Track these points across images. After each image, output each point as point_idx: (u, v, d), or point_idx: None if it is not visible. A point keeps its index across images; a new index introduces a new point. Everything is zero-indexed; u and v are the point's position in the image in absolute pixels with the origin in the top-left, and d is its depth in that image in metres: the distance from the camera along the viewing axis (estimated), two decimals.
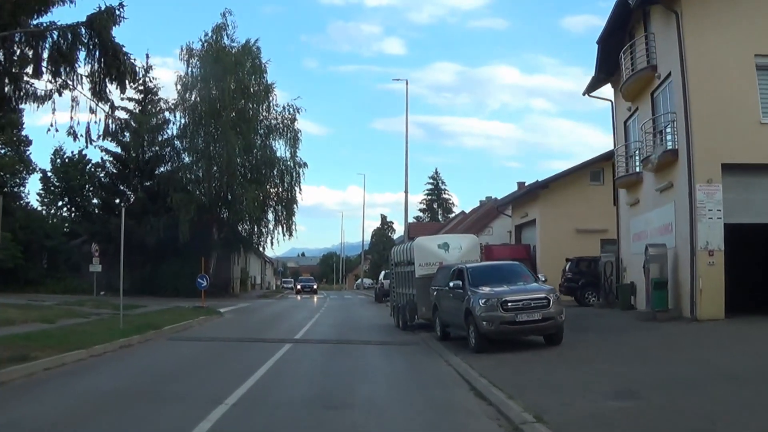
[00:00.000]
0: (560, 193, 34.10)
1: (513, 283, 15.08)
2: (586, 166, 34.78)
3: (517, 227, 38.57)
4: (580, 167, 34.87)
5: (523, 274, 15.77)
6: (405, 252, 20.89)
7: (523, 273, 15.81)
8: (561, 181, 34.33)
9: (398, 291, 21.98)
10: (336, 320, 24.71)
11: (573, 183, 34.31)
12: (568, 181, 34.38)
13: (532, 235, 36.20)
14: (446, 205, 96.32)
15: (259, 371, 11.48)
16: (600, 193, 33.23)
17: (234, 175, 39.64)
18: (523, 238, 38.12)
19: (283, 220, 42.98)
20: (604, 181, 34.11)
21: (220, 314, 26.19)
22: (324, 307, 33.48)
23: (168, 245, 41.21)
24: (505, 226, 40.62)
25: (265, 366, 12.13)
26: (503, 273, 15.70)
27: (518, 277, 15.54)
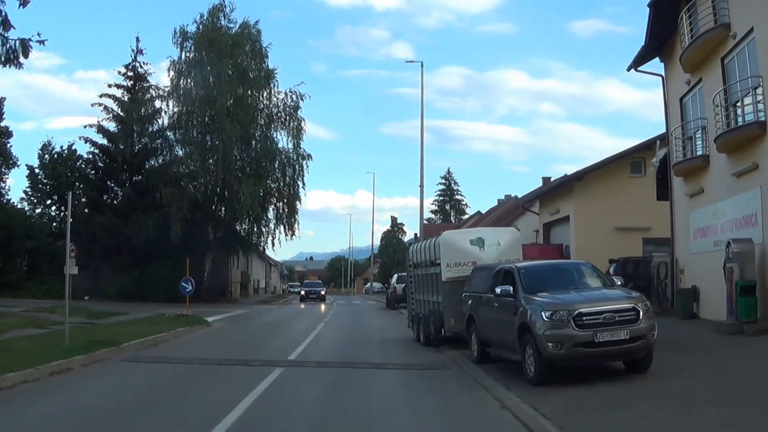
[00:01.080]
0: (597, 186, 30.01)
1: (583, 288, 11.14)
2: (625, 156, 30.72)
3: (546, 225, 34.50)
4: (618, 157, 30.78)
5: (593, 276, 11.78)
6: (428, 250, 16.90)
7: (592, 275, 11.81)
8: (598, 172, 30.24)
9: (419, 297, 18.02)
10: (342, 332, 20.72)
11: (611, 175, 30.23)
12: (605, 172, 30.29)
13: (563, 233, 32.16)
14: (459, 206, 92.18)
15: (223, 422, 7.51)
16: (641, 186, 29.31)
17: (231, 168, 35.75)
18: (552, 237, 34.07)
19: (285, 218, 39.02)
20: (646, 173, 30.19)
21: (207, 324, 22.28)
22: (330, 315, 29.51)
23: (159, 246, 37.42)
24: (531, 225, 36.52)
25: (234, 412, 8.14)
26: (567, 275, 11.73)
27: (587, 280, 11.59)
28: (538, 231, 35.35)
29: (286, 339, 18.20)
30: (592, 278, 11.62)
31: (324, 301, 44.72)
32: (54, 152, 48.87)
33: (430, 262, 16.89)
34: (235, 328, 22.52)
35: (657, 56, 23.20)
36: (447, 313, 15.28)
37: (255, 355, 14.32)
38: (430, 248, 16.64)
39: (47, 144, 47.83)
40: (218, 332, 20.37)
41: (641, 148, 29.84)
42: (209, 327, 21.79)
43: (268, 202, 38.76)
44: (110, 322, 22.28)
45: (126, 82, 41.44)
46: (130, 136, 39.89)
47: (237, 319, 26.51)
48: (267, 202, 38.67)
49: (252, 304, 40.90)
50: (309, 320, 26.24)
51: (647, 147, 29.71)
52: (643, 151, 29.65)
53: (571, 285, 11.24)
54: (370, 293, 74.27)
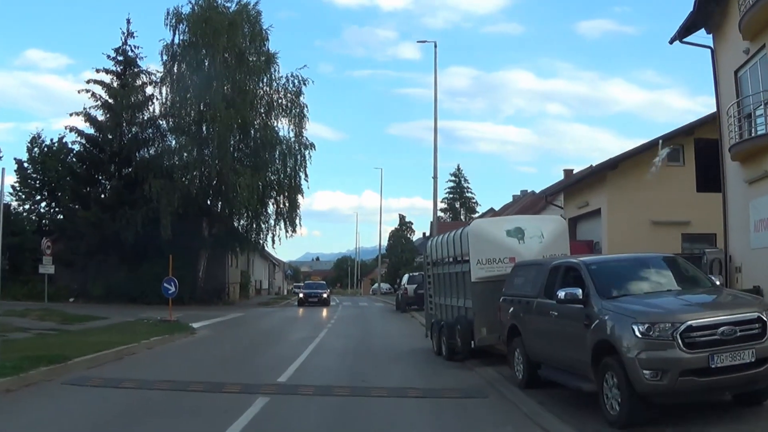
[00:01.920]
0: (632, 175, 26.73)
1: (679, 290, 8.14)
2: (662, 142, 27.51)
3: (572, 220, 31.25)
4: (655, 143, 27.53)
5: (688, 273, 8.76)
6: (452, 244, 13.83)
7: (687, 272, 8.79)
8: (633, 160, 27.04)
9: (439, 302, 14.98)
10: (348, 342, 17.66)
11: (647, 163, 27.00)
12: (641, 160, 27.03)
13: (592, 228, 29.02)
14: (469, 204, 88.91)
15: None
16: (680, 175, 26.31)
17: (227, 158, 32.70)
18: (579, 233, 30.88)
19: (286, 213, 35.94)
20: (685, 161, 27.15)
21: (191, 332, 19.28)
22: (334, 320, 26.44)
23: (149, 243, 34.43)
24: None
25: None
26: (654, 272, 8.65)
27: (681, 279, 8.54)
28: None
29: (280, 351, 15.15)
30: (686, 277, 8.57)
31: (327, 305, 38.96)
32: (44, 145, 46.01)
33: (453, 259, 13.87)
34: (223, 336, 19.48)
35: (703, 27, 20.27)
36: (478, 322, 12.25)
37: (236, 375, 11.27)
38: (455, 242, 13.57)
39: (36, 137, 44.89)
40: (201, 342, 17.33)
41: (679, 134, 26.76)
42: (193, 335, 18.78)
43: (267, 195, 35.69)
44: (81, 328, 19.34)
45: (115, 67, 38.43)
46: (119, 125, 36.90)
47: (229, 325, 23.49)
48: (266, 195, 35.61)
49: (251, 306, 37.86)
50: (310, 326, 23.20)
51: (686, 132, 26.75)
52: (681, 136, 26.62)
53: (661, 286, 8.21)
54: (377, 294, 71.18)
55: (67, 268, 37.17)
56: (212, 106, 33.46)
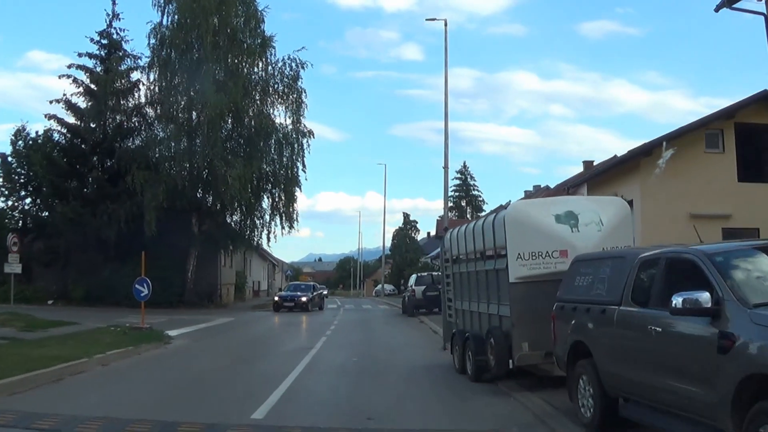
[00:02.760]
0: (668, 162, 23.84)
1: None
2: (699, 127, 24.58)
3: None
4: (691, 128, 24.62)
5: None
6: (480, 235, 10.90)
7: None
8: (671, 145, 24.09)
9: (462, 307, 12.10)
10: (349, 355, 14.76)
11: (684, 149, 24.01)
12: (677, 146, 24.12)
13: None
14: (476, 202, 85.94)
15: None
16: (719, 164, 23.39)
17: (217, 148, 29.79)
18: None
19: (282, 208, 33.06)
20: (725, 148, 24.25)
21: (164, 341, 16.42)
22: (334, 326, 23.52)
23: (133, 241, 31.53)
24: None
25: None
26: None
27: None
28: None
29: (265, 369, 12.25)
30: None
31: (307, 310, 32.74)
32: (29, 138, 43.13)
33: (481, 254, 10.99)
34: (201, 347, 16.59)
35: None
36: (518, 334, 9.37)
37: (199, 408, 8.40)
38: (484, 232, 10.65)
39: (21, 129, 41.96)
40: (172, 356, 14.44)
41: (719, 117, 23.84)
42: (165, 346, 15.90)
43: (262, 188, 32.83)
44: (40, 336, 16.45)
45: (99, 51, 35.63)
46: (102, 112, 34.06)
47: (213, 332, 20.61)
48: (261, 188, 32.76)
49: (244, 310, 34.97)
50: (306, 333, 20.34)
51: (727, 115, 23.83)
52: (721, 120, 23.70)
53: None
54: (380, 296, 68.30)
55: (47, 269, 34.46)
56: (201, 90, 30.63)
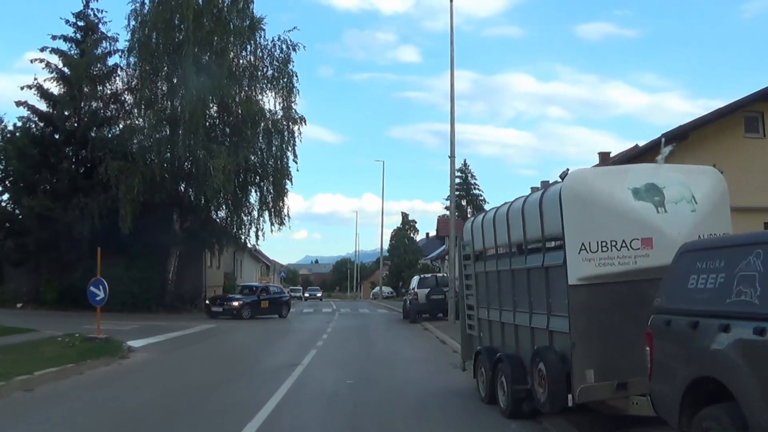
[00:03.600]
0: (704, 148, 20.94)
1: None
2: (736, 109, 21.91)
3: None
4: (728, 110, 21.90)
5: None
6: (519, 219, 8.03)
7: None
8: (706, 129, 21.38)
9: (490, 317, 9.25)
10: (343, 374, 11.94)
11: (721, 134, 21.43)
12: (714, 130, 21.43)
13: None
14: (476, 201, 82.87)
15: None
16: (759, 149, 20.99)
17: (199, 135, 26.92)
18: None
19: (271, 202, 30.18)
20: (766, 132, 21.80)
21: (121, 355, 13.59)
22: (327, 334, 20.67)
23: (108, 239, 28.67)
24: None
25: None
26: None
27: None
28: None
29: (236, 396, 9.41)
30: None
31: (240, 317, 27.39)
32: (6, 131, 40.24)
33: (520, 246, 8.20)
34: (165, 363, 13.75)
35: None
36: (580, 358, 6.57)
37: None
38: (527, 215, 7.81)
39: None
40: (122, 376, 11.58)
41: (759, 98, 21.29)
42: (120, 362, 13.07)
43: (249, 181, 30.00)
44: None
45: (75, 33, 32.79)
46: (77, 99, 31.21)
47: (187, 342, 17.74)
48: (248, 181, 29.93)
49: None
50: (294, 344, 17.46)
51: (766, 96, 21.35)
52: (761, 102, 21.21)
53: None
54: (378, 298, 65.48)
55: (18, 269, 31.65)
56: (183, 74, 27.82)
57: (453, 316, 24.30)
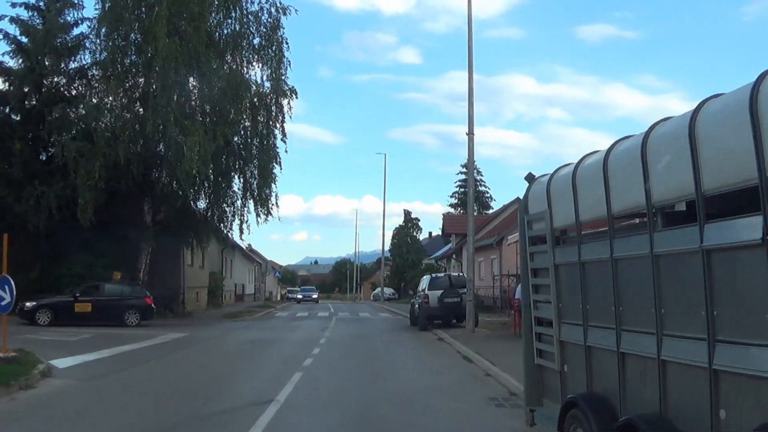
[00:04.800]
0: None
1: None
2: None
3: None
4: None
5: None
6: (678, 148, 4.06)
7: None
8: None
9: (593, 342, 5.17)
10: (336, 421, 7.91)
11: None
12: None
13: None
14: (482, 198, 78.89)
15: None
16: None
17: (170, 108, 22.87)
18: None
19: (256, 189, 26.08)
20: None
21: (27, 382, 9.59)
22: (318, 348, 16.58)
23: (70, 233, 24.93)
24: None
25: None
26: None
27: None
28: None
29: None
30: None
31: (124, 324, 21.97)
32: None
33: (671, 209, 4.19)
34: (88, 394, 9.68)
35: None
36: None
37: None
38: (706, 137, 3.83)
39: None
40: (12, 419, 7.62)
41: None
42: (20, 393, 9.09)
43: (232, 166, 25.95)
44: None
45: (38, 1, 28.79)
46: (37, 73, 27.21)
47: (134, 360, 13.67)
48: (230, 166, 25.90)
49: (212, 319, 28.03)
50: (275, 363, 13.37)
51: None
52: None
53: None
54: (379, 300, 61.36)
55: None
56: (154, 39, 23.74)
57: (472, 323, 20.30)
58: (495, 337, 18.56)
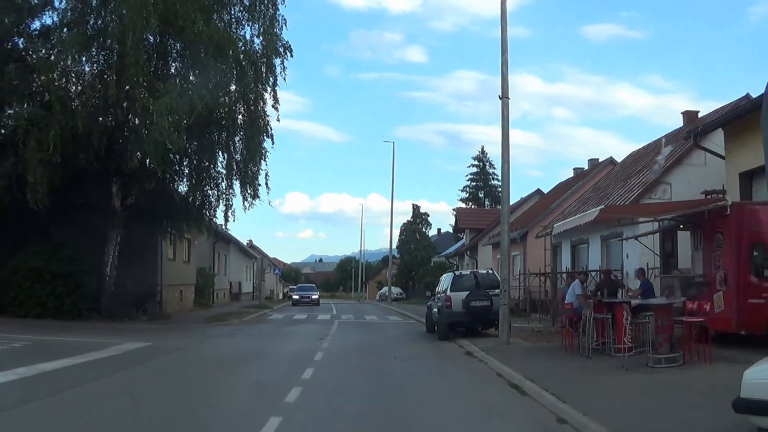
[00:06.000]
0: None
1: None
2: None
3: (746, 175, 17.41)
4: None
5: None
6: None
7: None
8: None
9: None
10: None
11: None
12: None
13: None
14: (495, 193, 74.81)
15: None
16: None
17: (139, 66, 18.74)
18: (756, 192, 17.12)
19: (242, 165, 21.90)
20: None
21: None
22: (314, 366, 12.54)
23: (24, 219, 21.02)
24: (699, 179, 19.45)
25: None
26: None
27: None
28: (721, 188, 18.03)
29: None
30: None
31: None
32: None
33: None
34: None
35: None
36: None
37: None
38: None
39: None
40: None
41: None
42: None
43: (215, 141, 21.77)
44: None
45: None
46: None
47: (53, 384, 9.62)
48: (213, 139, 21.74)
49: (194, 323, 23.86)
50: (243, 400, 9.25)
51: None
52: None
53: None
54: (386, 300, 57.27)
55: None
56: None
57: (506, 333, 16.18)
58: (538, 352, 14.49)
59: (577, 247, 24.63)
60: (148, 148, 18.10)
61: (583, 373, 11.11)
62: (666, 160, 20.39)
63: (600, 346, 13.40)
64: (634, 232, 18.71)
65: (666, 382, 10.05)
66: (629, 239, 18.86)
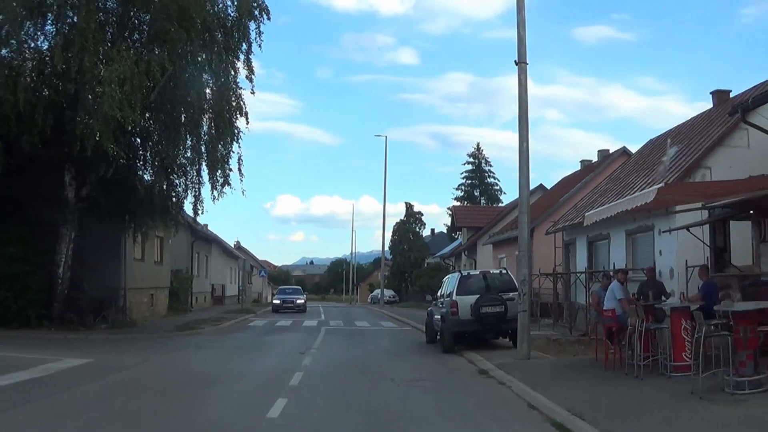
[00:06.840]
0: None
1: None
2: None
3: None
4: None
5: None
6: None
7: None
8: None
9: None
10: None
11: None
12: None
13: None
14: (491, 191, 72.10)
15: None
16: None
17: (90, 32, 15.88)
18: None
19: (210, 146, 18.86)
20: None
21: None
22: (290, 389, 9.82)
23: None
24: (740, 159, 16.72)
25: None
26: None
27: None
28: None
29: None
30: None
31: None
32: None
33: None
34: None
35: None
36: None
37: None
38: None
39: None
40: None
41: None
42: None
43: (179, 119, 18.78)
44: None
45: None
46: None
47: None
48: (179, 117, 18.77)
49: (160, 331, 20.87)
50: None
51: None
52: None
53: None
54: (378, 304, 54.43)
55: None
56: None
57: (527, 345, 13.43)
58: (569, 370, 11.73)
59: (594, 244, 21.85)
60: (97, 124, 15.19)
61: (646, 404, 8.37)
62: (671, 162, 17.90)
63: (648, 363, 10.71)
64: (669, 224, 15.95)
65: (763, 417, 7.37)
66: (664, 233, 16.09)
